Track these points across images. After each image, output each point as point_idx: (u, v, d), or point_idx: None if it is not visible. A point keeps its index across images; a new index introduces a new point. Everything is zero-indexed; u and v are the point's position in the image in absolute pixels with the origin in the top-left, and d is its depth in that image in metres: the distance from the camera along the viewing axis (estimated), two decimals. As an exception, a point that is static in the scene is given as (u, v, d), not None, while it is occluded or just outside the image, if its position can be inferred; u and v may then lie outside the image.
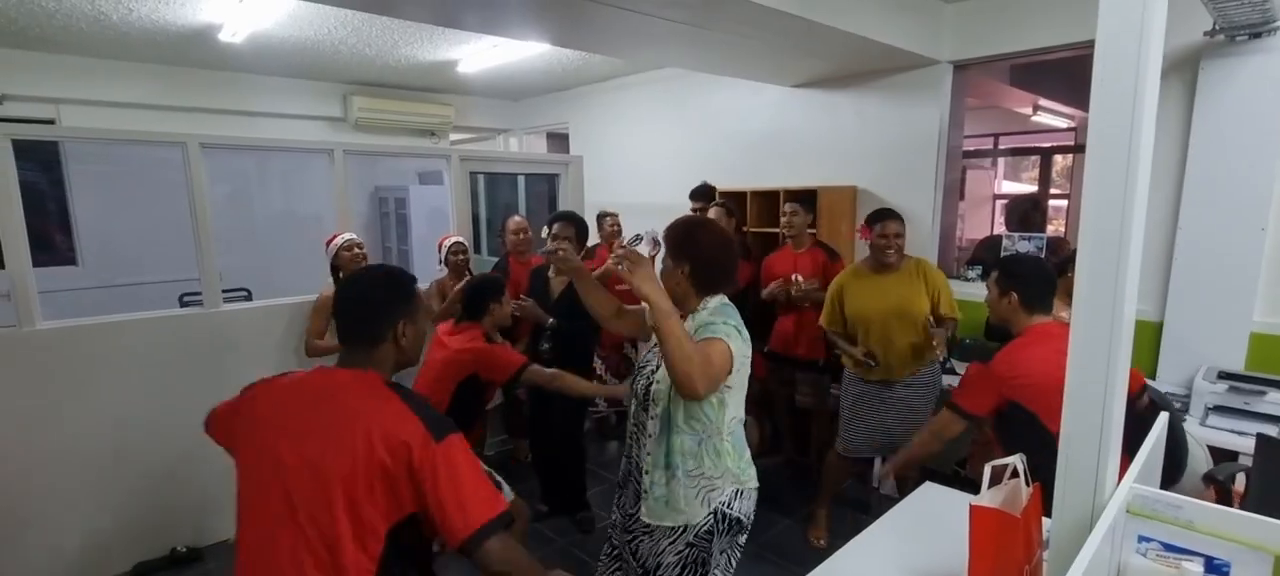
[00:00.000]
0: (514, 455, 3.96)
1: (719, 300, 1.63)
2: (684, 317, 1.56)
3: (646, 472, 1.60)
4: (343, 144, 3.39)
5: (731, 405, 1.59)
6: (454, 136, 6.75)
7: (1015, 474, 1.37)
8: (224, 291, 3.14)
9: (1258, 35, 2.55)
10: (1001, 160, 7.68)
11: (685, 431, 1.55)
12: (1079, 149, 6.71)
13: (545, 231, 2.97)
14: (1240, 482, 1.79)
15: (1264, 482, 1.29)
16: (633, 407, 1.70)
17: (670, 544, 1.59)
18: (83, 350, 2.63)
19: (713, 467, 1.57)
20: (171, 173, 3.04)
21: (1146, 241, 2.99)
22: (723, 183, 4.50)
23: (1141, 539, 1.15)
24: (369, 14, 3.74)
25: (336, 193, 3.40)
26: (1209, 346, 2.72)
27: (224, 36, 4.01)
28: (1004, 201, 7.84)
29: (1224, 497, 1.84)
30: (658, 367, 1.61)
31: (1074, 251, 2.65)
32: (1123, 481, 1.18)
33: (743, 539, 1.67)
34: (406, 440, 1.15)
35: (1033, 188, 7.99)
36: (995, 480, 1.38)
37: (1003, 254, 3.45)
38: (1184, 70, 2.80)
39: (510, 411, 3.91)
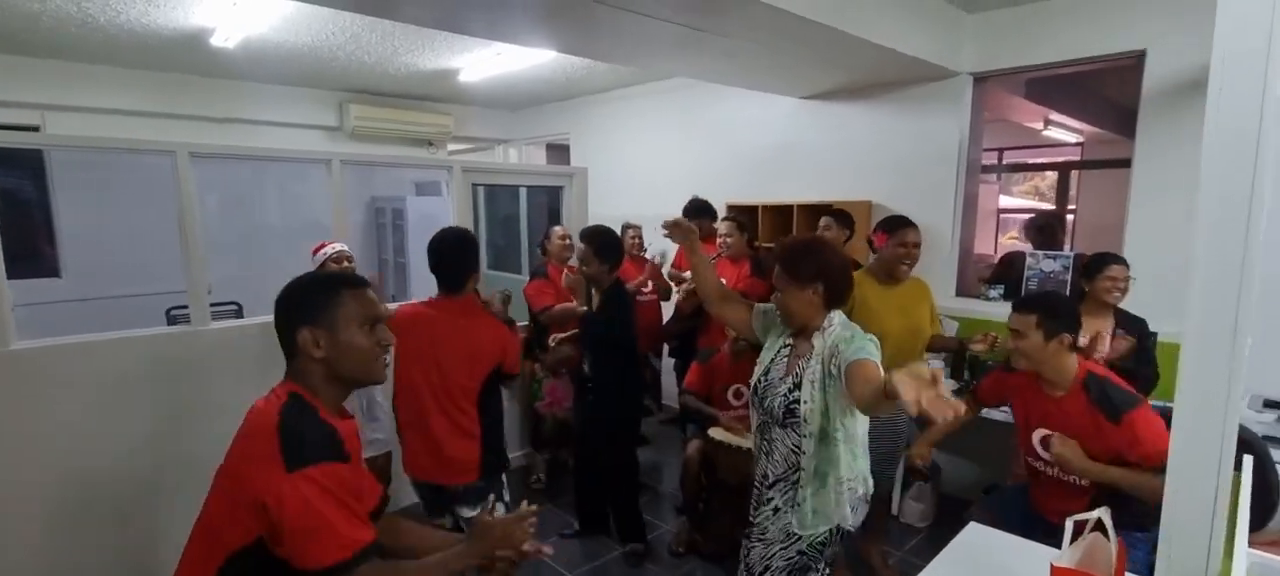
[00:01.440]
0: (533, 470, 3.78)
1: (840, 315, 1.76)
2: (811, 335, 1.73)
3: (799, 487, 1.72)
4: (340, 154, 3.25)
5: (862, 415, 1.73)
6: (452, 147, 6.61)
7: (1098, 526, 1.23)
8: (213, 305, 2.98)
9: None
10: (1001, 175, 7.60)
11: (840, 443, 1.69)
12: (1092, 165, 6.64)
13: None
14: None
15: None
16: (762, 422, 1.81)
17: (781, 550, 1.74)
18: (59, 372, 2.45)
19: (851, 470, 1.73)
20: (160, 181, 2.88)
21: (1178, 261, 2.89)
22: (733, 197, 4.38)
23: (1265, 614, 1.00)
24: (368, 20, 3.61)
25: (334, 203, 3.25)
26: (1253, 371, 2.59)
27: (216, 41, 3.86)
28: (1008, 216, 7.79)
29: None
30: (796, 387, 1.70)
31: (1096, 255, 2.56)
32: (1236, 543, 1.04)
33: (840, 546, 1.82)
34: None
35: (1029, 201, 7.94)
36: (1076, 533, 1.24)
37: (1027, 274, 3.33)
38: (1221, 84, 2.69)
39: (536, 423, 3.74)
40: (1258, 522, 1.69)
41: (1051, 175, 7.77)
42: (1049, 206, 7.49)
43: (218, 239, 4.76)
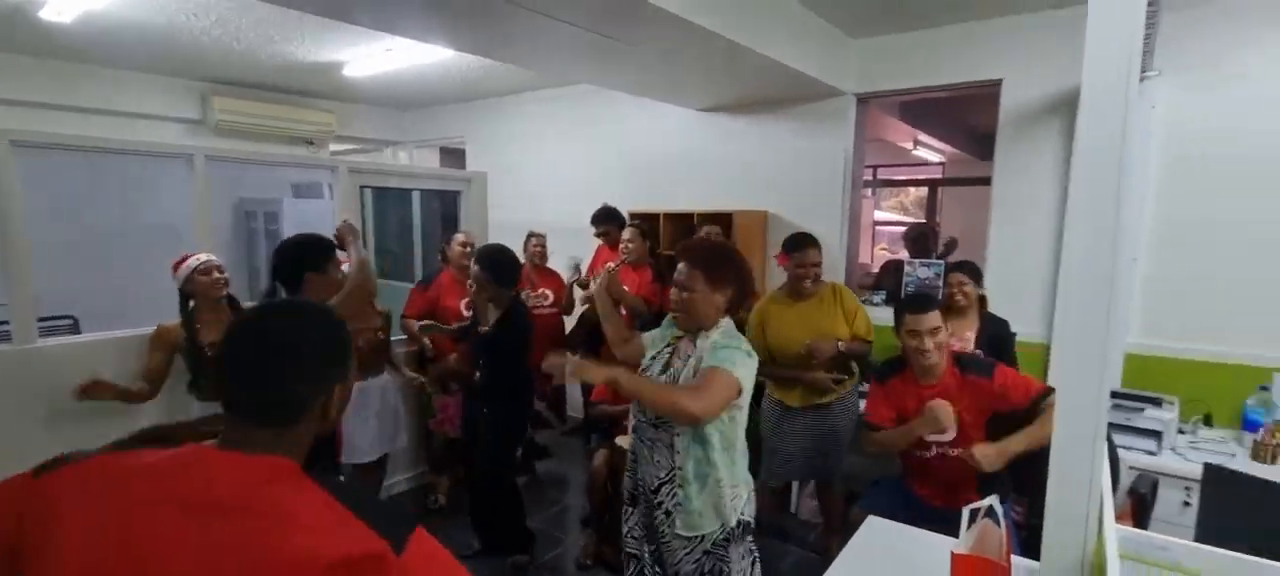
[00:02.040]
0: (432, 491, 3.56)
1: (728, 322, 1.78)
2: (697, 336, 1.75)
3: (681, 487, 1.70)
4: (205, 149, 2.91)
5: (741, 420, 1.75)
6: (334, 147, 6.16)
7: (990, 513, 1.32)
8: (42, 320, 2.56)
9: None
10: (875, 190, 8.24)
11: (716, 448, 1.69)
12: (953, 182, 7.33)
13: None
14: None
15: (1210, 510, 1.32)
16: (636, 426, 1.82)
17: (686, 554, 1.72)
18: None
19: (731, 477, 1.72)
20: None
21: (1036, 269, 3.22)
22: (635, 204, 4.39)
23: (1130, 582, 1.12)
24: (237, 1, 3.27)
25: (195, 205, 2.91)
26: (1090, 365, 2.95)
27: (47, 15, 3.35)
28: (883, 228, 8.46)
29: (1142, 508, 1.94)
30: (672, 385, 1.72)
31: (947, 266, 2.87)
32: (1105, 523, 1.15)
33: (750, 539, 1.80)
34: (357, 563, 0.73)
35: (897, 215, 8.68)
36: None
37: (905, 280, 3.60)
38: (1065, 112, 3.06)
39: (427, 442, 3.53)
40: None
41: (915, 191, 8.53)
42: (913, 220, 8.21)
43: (48, 242, 4.12)
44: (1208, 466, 1.40)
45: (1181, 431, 2.69)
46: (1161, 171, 2.85)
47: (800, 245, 2.71)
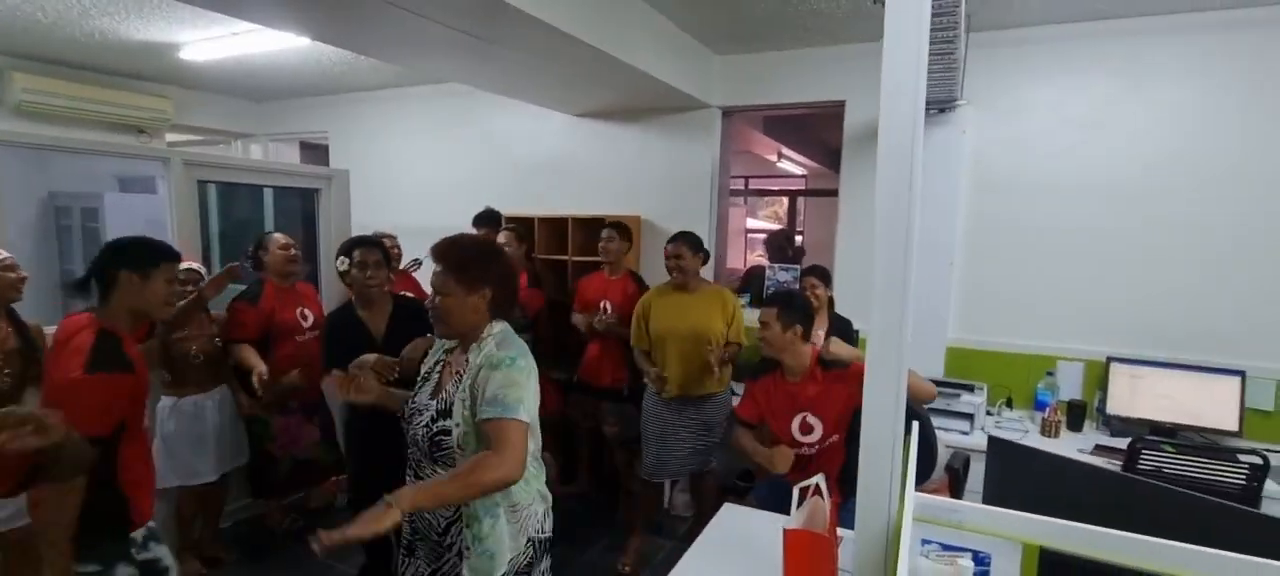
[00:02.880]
0: (267, 521, 3.28)
1: (502, 327, 1.59)
2: (467, 347, 1.55)
3: (469, 525, 1.49)
4: (5, 133, 2.52)
5: (536, 434, 1.55)
6: (173, 137, 5.54)
7: (817, 491, 1.46)
8: None
9: (943, 110, 3.21)
10: (748, 199, 8.74)
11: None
12: (813, 193, 7.92)
13: (341, 263, 2.51)
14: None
15: (995, 477, 1.55)
16: (411, 455, 1.60)
17: None
18: None
19: (525, 494, 1.56)
20: None
21: (864, 275, 3.55)
22: (507, 207, 4.34)
23: (924, 542, 1.28)
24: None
25: (-14, 197, 2.51)
26: (917, 359, 3.32)
27: None
28: (756, 235, 8.96)
29: (957, 481, 2.21)
30: (443, 414, 1.51)
31: (803, 269, 3.12)
32: (907, 492, 1.31)
33: (547, 560, 1.67)
34: None
35: (770, 224, 9.25)
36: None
37: (766, 283, 3.86)
38: (897, 133, 3.42)
39: (266, 468, 3.22)
40: (924, 475, 2.16)
41: (788, 201, 9.15)
42: (783, 227, 8.77)
43: None
44: (991, 438, 1.64)
45: (989, 413, 3.10)
46: (970, 188, 3.28)
47: (673, 239, 2.98)
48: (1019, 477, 1.52)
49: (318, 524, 1.23)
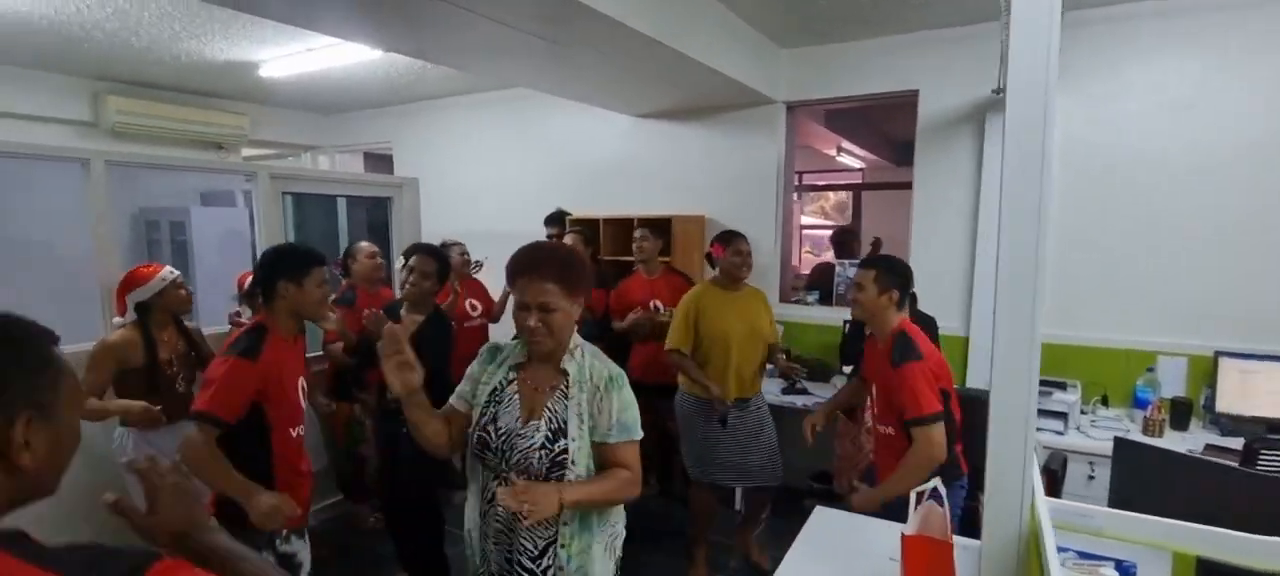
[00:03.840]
0: (354, 521, 3.39)
1: (579, 337, 1.54)
2: (561, 360, 1.47)
3: (563, 547, 1.44)
4: (105, 153, 2.69)
5: None
6: (248, 151, 5.81)
7: (934, 495, 1.40)
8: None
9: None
10: (801, 194, 8.58)
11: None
12: (876, 186, 7.71)
13: (400, 263, 2.57)
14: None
15: (1122, 480, 1.46)
16: (482, 483, 1.49)
17: None
18: None
19: (616, 514, 1.57)
20: None
21: (953, 267, 3.43)
22: (571, 209, 4.38)
23: (1058, 549, 1.21)
24: (142, -5, 3.03)
25: (93, 212, 2.67)
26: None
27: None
28: (809, 232, 8.79)
29: (1054, 483, 2.11)
30: (558, 433, 1.42)
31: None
32: (1037, 499, 1.24)
33: None
34: None
35: (818, 220, 9.06)
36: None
37: (836, 280, 3.77)
38: (974, 121, 3.29)
39: (357, 467, 3.34)
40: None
41: (834, 196, 8.95)
42: (833, 224, 8.59)
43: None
44: (1117, 440, 1.54)
45: (1083, 412, 2.94)
46: (1061, 176, 3.12)
47: (733, 237, 2.86)
48: (1151, 481, 1.43)
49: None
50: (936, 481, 1.39)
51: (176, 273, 2.46)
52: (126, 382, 2.33)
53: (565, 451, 1.40)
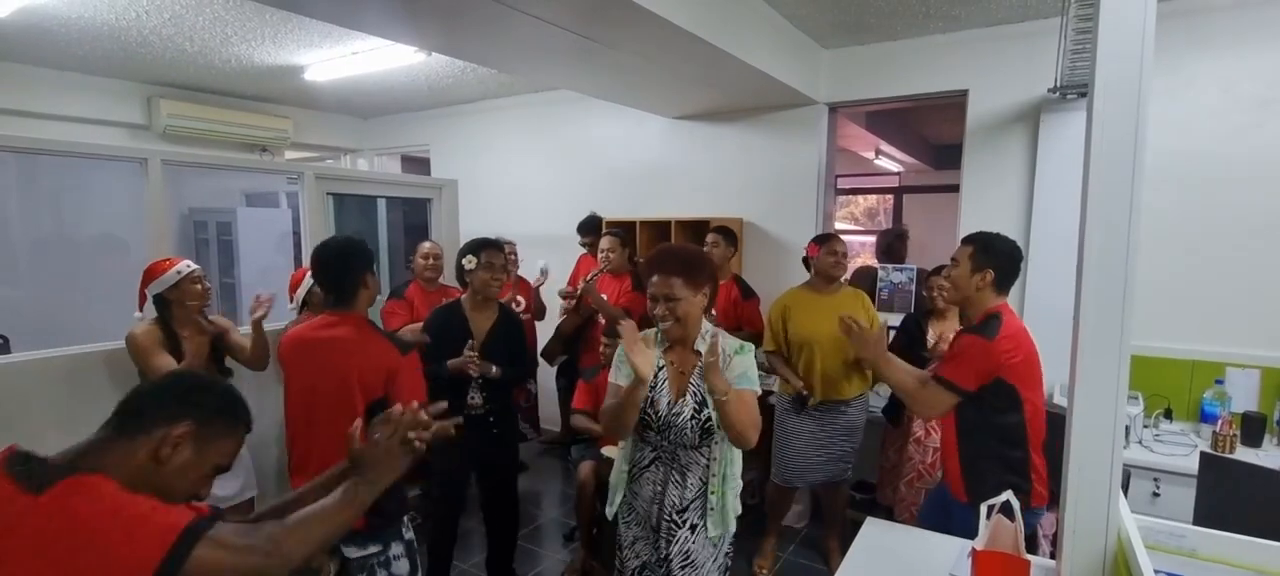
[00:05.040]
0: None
1: (708, 323, 1.77)
2: (691, 343, 1.72)
3: (713, 492, 1.72)
4: (161, 152, 2.75)
5: None
6: (290, 154, 5.93)
7: (1005, 509, 1.33)
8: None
9: (1084, 95, 2.95)
10: (838, 198, 8.44)
11: (726, 441, 1.71)
12: (915, 189, 7.55)
13: (469, 261, 2.58)
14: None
15: (1210, 498, 1.37)
16: (660, 451, 1.74)
17: (712, 564, 1.74)
18: None
19: (738, 464, 1.78)
20: None
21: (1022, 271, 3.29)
22: (608, 212, 4.36)
23: (1156, 571, 1.14)
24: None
25: (149, 212, 2.74)
26: (1060, 369, 3.05)
27: (-22, 9, 3.11)
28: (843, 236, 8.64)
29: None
30: (702, 404, 1.68)
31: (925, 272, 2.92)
32: (1122, 514, 1.17)
33: None
34: None
35: (849, 224, 8.89)
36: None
37: (879, 284, 3.67)
38: (1028, 121, 3.18)
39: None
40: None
41: (865, 200, 8.79)
42: (862, 230, 8.43)
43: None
44: (1204, 455, 1.45)
45: (1146, 425, 2.80)
46: (1121, 177, 2.99)
47: (830, 237, 2.87)
48: (1241, 500, 1.33)
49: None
50: (1009, 494, 1.32)
51: (194, 266, 2.41)
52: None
53: (710, 419, 1.66)
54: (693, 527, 1.72)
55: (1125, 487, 2.44)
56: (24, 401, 2.25)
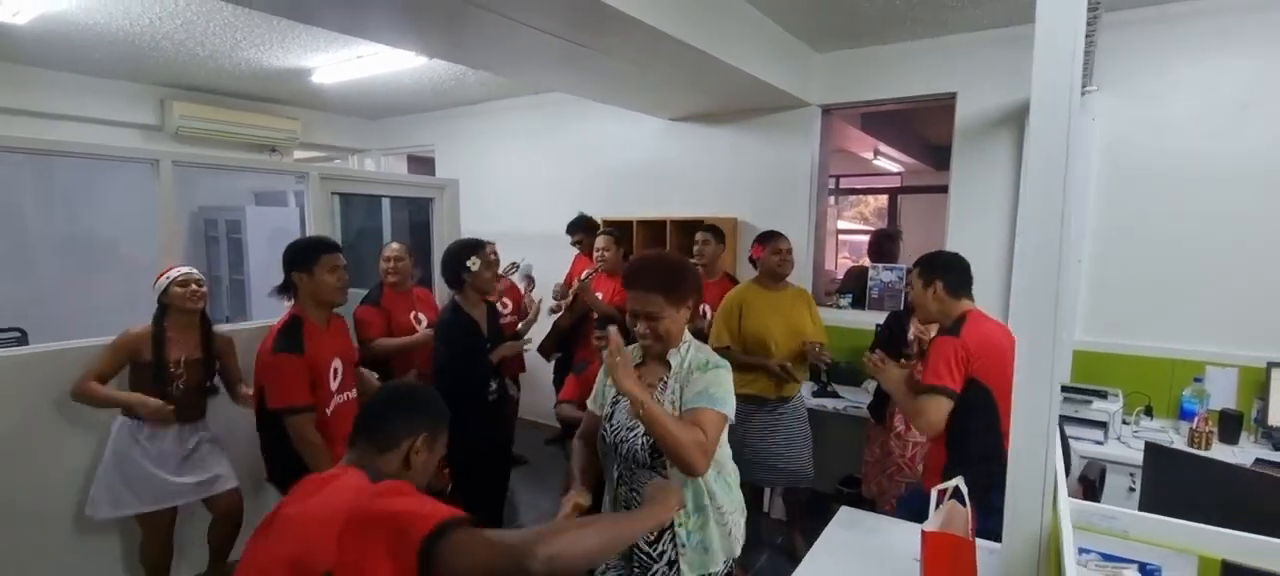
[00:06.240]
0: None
1: (689, 335, 1.64)
2: (666, 356, 1.59)
3: (681, 525, 1.55)
4: (172, 154, 2.86)
5: (726, 437, 1.61)
6: (298, 154, 6.06)
7: (955, 494, 1.41)
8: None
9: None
10: (837, 199, 8.48)
11: (710, 472, 1.54)
12: (911, 190, 7.59)
13: (473, 263, 2.69)
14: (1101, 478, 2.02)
15: (1154, 485, 1.44)
16: (621, 472, 1.61)
17: None
18: None
19: (728, 502, 1.62)
20: None
21: (991, 270, 3.37)
22: (604, 212, 4.45)
23: (1082, 551, 1.21)
24: (205, 5, 3.22)
25: (161, 212, 2.85)
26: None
27: (3, 16, 3.24)
28: (846, 236, 8.69)
29: (1091, 493, 2.06)
30: None
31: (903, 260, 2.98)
32: (1059, 499, 1.24)
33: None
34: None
35: (857, 224, 8.93)
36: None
37: (870, 283, 3.74)
38: (1013, 124, 3.24)
39: None
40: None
41: (875, 201, 8.81)
42: (873, 228, 8.44)
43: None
44: (1148, 444, 1.52)
45: (1125, 422, 2.86)
46: (1102, 179, 3.05)
47: (774, 236, 2.94)
48: (1183, 488, 1.40)
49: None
50: (959, 481, 1.39)
51: (185, 271, 2.45)
52: (137, 376, 2.37)
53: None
54: (671, 563, 1.55)
55: (1101, 482, 2.51)
56: (41, 390, 2.37)
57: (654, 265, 1.60)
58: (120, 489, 2.35)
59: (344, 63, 4.15)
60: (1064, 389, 2.91)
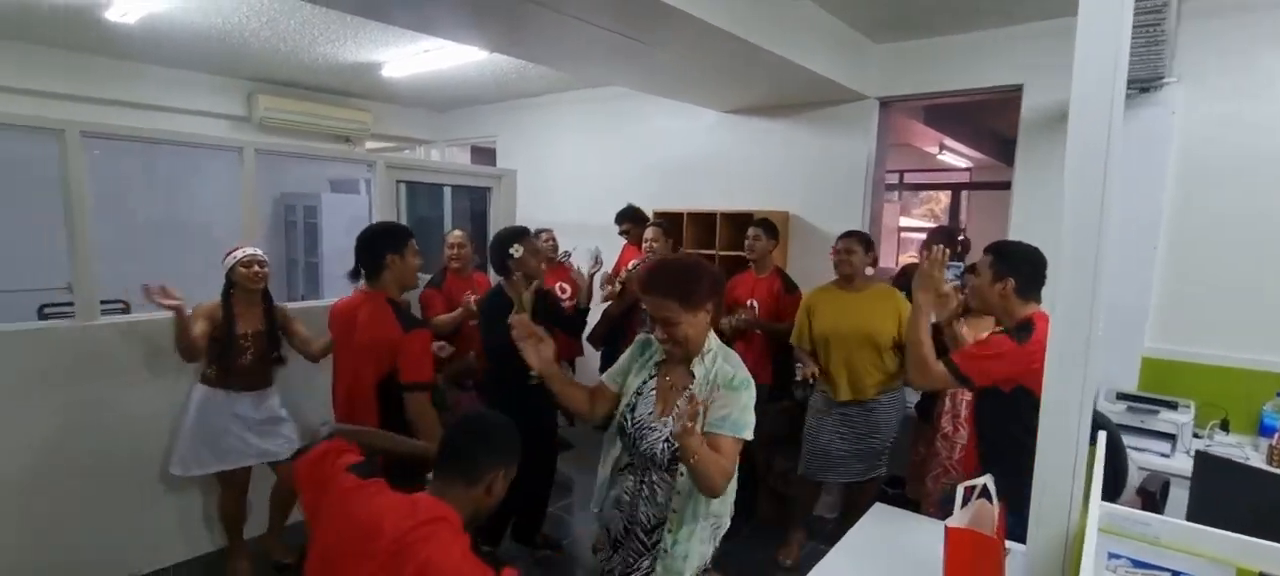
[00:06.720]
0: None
1: (715, 339, 1.64)
2: (691, 363, 1.59)
3: (670, 531, 1.57)
4: (254, 142, 3.10)
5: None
6: (370, 144, 6.39)
7: (984, 493, 1.39)
8: (102, 302, 2.76)
9: (1146, 89, 2.84)
10: (902, 195, 8.22)
11: None
12: (979, 186, 7.29)
13: (516, 250, 2.80)
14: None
15: (1203, 496, 1.38)
16: (633, 461, 1.64)
17: None
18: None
19: (723, 508, 1.64)
20: (26, 168, 2.65)
21: (1056, 271, 3.22)
22: (657, 204, 4.50)
23: (1111, 556, 1.19)
24: (287, 3, 3.46)
25: (244, 197, 3.09)
26: (1107, 369, 2.97)
27: (113, 16, 3.58)
28: (910, 234, 8.42)
29: (1151, 507, 1.97)
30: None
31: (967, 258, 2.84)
32: (1090, 502, 1.22)
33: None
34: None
35: (926, 222, 8.62)
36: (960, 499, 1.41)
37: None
38: (1084, 118, 3.08)
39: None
40: (1109, 494, 1.94)
41: (944, 198, 8.49)
42: (943, 223, 8.14)
43: (102, 231, 4.38)
44: (1198, 454, 1.45)
45: (1197, 435, 2.69)
46: (1177, 176, 2.86)
47: (844, 236, 2.94)
48: (1233, 501, 1.34)
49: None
50: (987, 478, 1.38)
51: (250, 252, 2.62)
52: (212, 345, 2.55)
53: (674, 445, 1.52)
54: (657, 557, 1.59)
55: (1163, 496, 2.38)
56: (143, 352, 2.65)
57: (667, 270, 1.58)
58: (200, 447, 2.58)
59: (412, 57, 4.36)
60: (1129, 398, 2.77)
